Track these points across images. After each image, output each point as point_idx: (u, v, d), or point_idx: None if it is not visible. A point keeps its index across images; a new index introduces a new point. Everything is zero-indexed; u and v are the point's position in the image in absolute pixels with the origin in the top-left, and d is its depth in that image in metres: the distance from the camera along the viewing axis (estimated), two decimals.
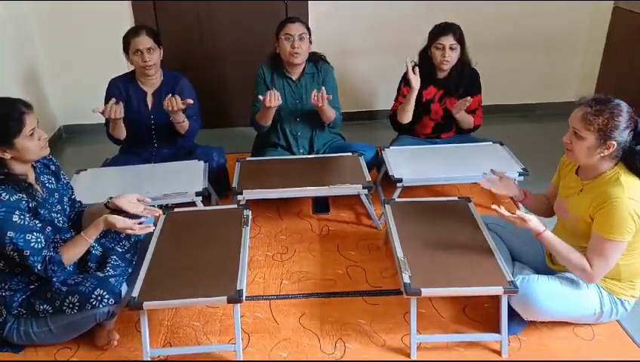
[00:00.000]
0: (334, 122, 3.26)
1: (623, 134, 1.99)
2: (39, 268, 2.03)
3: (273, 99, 2.97)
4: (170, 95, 2.90)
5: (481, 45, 3.50)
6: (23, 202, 2.03)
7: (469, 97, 3.10)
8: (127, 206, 2.28)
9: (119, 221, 2.14)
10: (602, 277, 2.12)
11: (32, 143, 2.05)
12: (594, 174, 2.11)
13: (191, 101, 2.92)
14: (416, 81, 3.08)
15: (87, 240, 2.15)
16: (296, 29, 3.10)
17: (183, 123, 3.04)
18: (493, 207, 2.14)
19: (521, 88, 4.57)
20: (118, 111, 2.87)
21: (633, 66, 3.71)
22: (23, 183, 2.06)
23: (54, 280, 2.11)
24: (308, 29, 3.17)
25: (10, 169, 2.05)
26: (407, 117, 3.24)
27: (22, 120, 2.01)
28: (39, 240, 2.03)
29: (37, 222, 2.07)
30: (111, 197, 2.32)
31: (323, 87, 3.04)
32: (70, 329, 2.15)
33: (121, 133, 3.05)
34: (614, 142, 1.99)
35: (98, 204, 2.37)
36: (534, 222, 2.10)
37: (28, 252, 2.00)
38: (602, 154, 2.03)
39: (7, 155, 2.02)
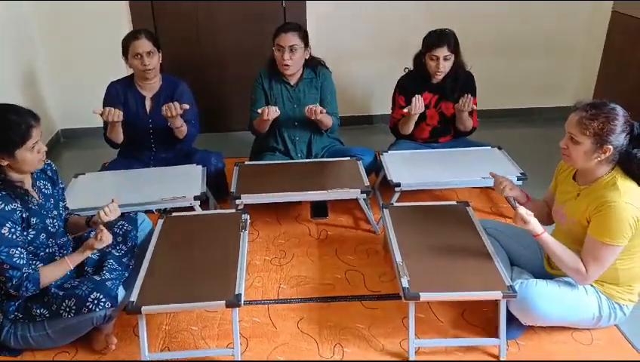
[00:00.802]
0: (332, 128, 3.26)
1: (619, 138, 1.99)
2: (14, 282, 2.00)
3: (271, 112, 2.99)
4: (170, 101, 2.90)
5: (480, 49, 3.51)
6: (17, 212, 2.03)
7: (469, 96, 3.10)
8: (107, 218, 2.23)
9: (103, 243, 2.14)
10: (595, 279, 2.11)
11: (32, 156, 2.05)
12: (591, 179, 2.11)
13: (187, 106, 2.92)
14: (416, 109, 3.09)
15: (69, 266, 2.14)
16: (287, 40, 3.07)
17: (181, 128, 3.04)
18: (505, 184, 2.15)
19: (519, 92, 4.57)
20: (117, 114, 2.87)
21: (631, 70, 3.72)
22: (19, 190, 2.06)
23: (52, 284, 2.11)
24: (304, 37, 3.14)
25: (7, 175, 2.05)
26: (408, 131, 3.29)
27: (29, 133, 2.01)
28: (22, 256, 2.02)
29: (31, 231, 2.08)
30: (91, 217, 2.32)
31: (317, 106, 3.03)
32: (67, 333, 2.15)
33: (119, 137, 3.04)
34: (611, 147, 1.99)
35: (80, 217, 2.40)
36: (534, 223, 2.10)
37: (8, 266, 1.98)
38: (599, 159, 2.03)
39: (4, 162, 2.02)
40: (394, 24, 4.18)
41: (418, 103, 3.07)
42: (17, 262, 2.00)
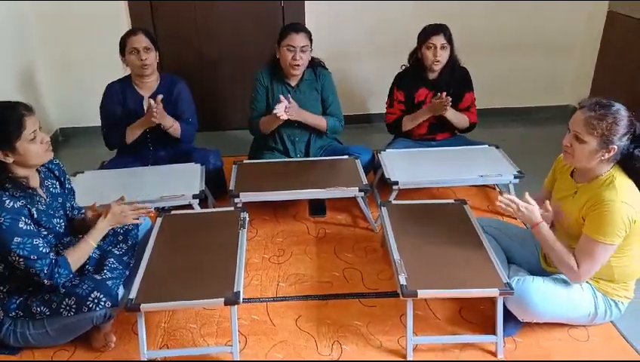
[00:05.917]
0: (331, 129, 3.27)
1: (623, 139, 2.00)
2: (46, 271, 2.03)
3: (282, 110, 2.99)
4: (150, 102, 2.91)
5: (478, 47, 3.52)
6: (26, 210, 2.05)
7: (444, 95, 3.10)
8: (121, 220, 2.27)
9: (127, 217, 2.22)
10: (588, 278, 2.13)
11: (35, 146, 2.06)
12: (590, 177, 2.12)
13: (160, 96, 2.93)
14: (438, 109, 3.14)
15: (91, 244, 2.17)
16: (299, 40, 3.08)
17: (173, 126, 3.07)
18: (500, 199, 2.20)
19: (516, 91, 4.59)
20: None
21: (627, 70, 3.73)
22: (26, 188, 2.08)
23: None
24: (311, 38, 3.16)
25: (12, 173, 2.06)
26: (413, 126, 3.34)
27: (22, 123, 2.01)
28: (45, 245, 2.05)
29: (42, 230, 2.10)
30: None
31: (281, 97, 3.02)
32: (67, 331, 2.15)
33: (134, 136, 3.09)
34: (615, 147, 2.00)
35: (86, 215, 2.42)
36: (537, 211, 2.13)
37: (35, 256, 2.01)
38: (602, 158, 2.04)
39: (10, 159, 2.03)
40: (392, 23, 4.19)
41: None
42: (42, 251, 2.03)
